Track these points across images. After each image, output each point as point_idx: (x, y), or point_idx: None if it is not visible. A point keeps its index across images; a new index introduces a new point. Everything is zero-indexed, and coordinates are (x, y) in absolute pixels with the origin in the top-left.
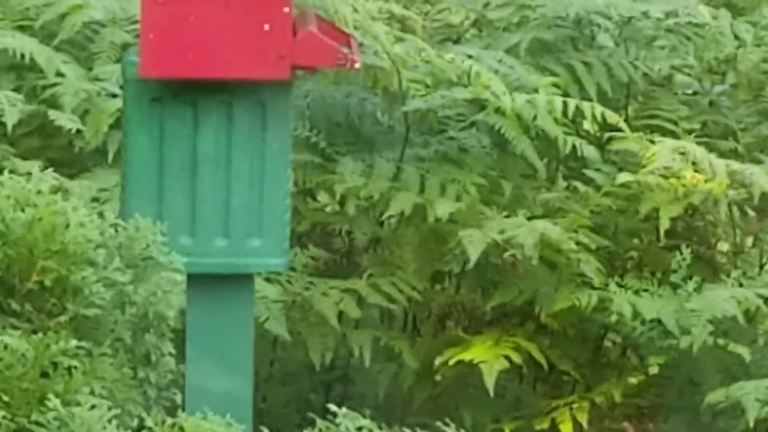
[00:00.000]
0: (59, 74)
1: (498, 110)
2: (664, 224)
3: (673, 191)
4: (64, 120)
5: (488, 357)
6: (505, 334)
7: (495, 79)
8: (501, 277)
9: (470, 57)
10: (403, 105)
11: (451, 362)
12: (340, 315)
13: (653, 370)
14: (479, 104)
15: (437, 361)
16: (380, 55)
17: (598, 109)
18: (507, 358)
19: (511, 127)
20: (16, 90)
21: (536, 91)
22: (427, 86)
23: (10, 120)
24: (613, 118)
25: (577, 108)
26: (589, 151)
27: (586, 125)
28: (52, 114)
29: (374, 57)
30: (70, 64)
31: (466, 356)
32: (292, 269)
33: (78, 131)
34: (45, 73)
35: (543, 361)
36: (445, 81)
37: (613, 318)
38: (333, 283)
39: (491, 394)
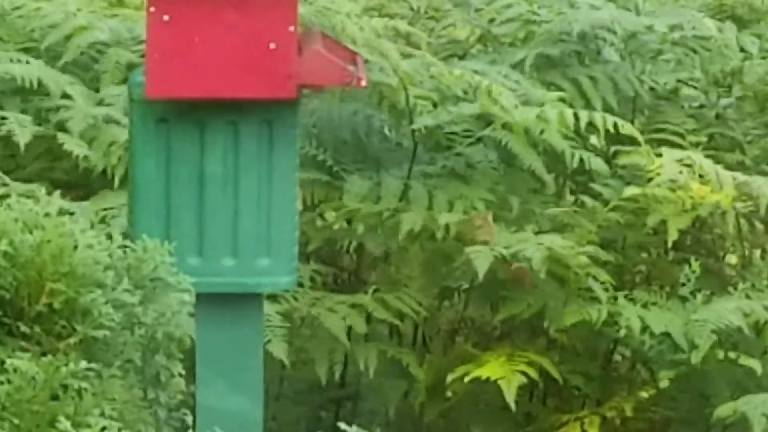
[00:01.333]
0: (65, 96)
1: (505, 125)
2: (673, 236)
3: (681, 203)
4: (73, 145)
5: (504, 373)
6: (517, 350)
7: (505, 92)
8: (509, 292)
9: (477, 72)
10: (410, 122)
11: (467, 379)
12: (349, 331)
13: (664, 384)
14: (486, 119)
15: (450, 377)
16: (386, 72)
17: (610, 119)
18: (523, 373)
19: (518, 142)
20: (22, 113)
21: (542, 106)
22: (434, 102)
23: (22, 140)
24: (625, 127)
25: (589, 121)
26: (597, 164)
27: (594, 140)
28: (61, 137)
29: (380, 74)
30: (77, 86)
31: (482, 373)
32: (300, 285)
33: (83, 156)
34: (51, 95)
35: (558, 376)
36: (451, 97)
37: (623, 332)
38: (340, 298)
39: (513, 410)
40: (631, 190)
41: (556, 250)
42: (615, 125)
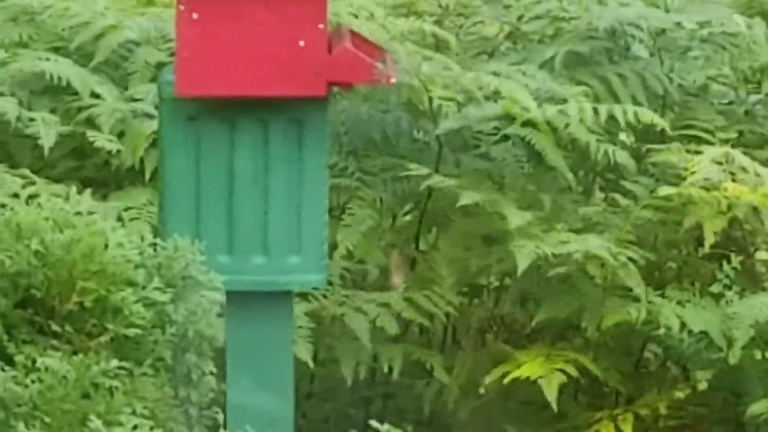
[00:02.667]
0: (94, 95)
1: (528, 123)
2: (709, 239)
3: (717, 204)
4: (103, 141)
5: (544, 372)
6: (553, 349)
7: (523, 92)
8: (543, 291)
9: (496, 74)
10: (433, 123)
11: (506, 380)
12: (377, 330)
13: (702, 386)
14: (511, 118)
15: (488, 378)
16: (410, 74)
17: (631, 110)
18: (561, 371)
19: (542, 140)
20: (51, 112)
21: (566, 101)
22: (458, 103)
23: (47, 142)
24: (646, 116)
25: (611, 114)
26: (622, 157)
27: (623, 136)
28: (91, 135)
29: (404, 74)
30: (106, 85)
31: (521, 373)
32: (329, 283)
33: (116, 151)
34: (80, 95)
35: (599, 374)
36: (475, 97)
37: (661, 331)
38: (369, 297)
39: (554, 408)
40: (666, 190)
41: (595, 249)
42: (635, 115)
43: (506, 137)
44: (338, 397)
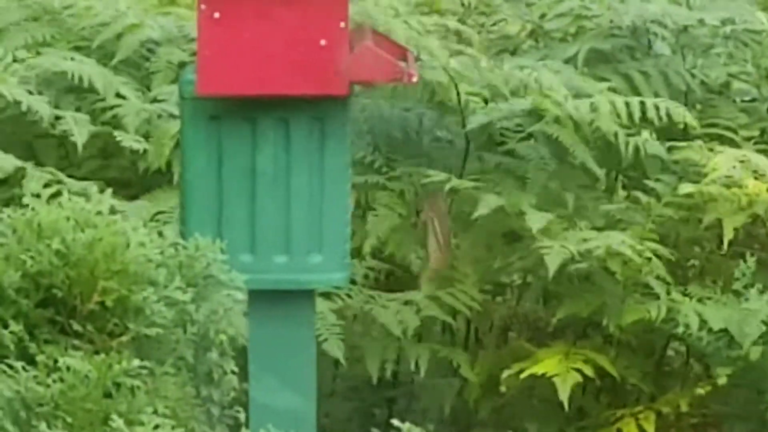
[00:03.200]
0: (119, 95)
1: (557, 119)
2: (728, 235)
3: (737, 201)
4: (130, 141)
5: (560, 370)
6: (573, 347)
7: (556, 85)
8: (564, 288)
9: (526, 68)
10: (462, 119)
11: (522, 376)
12: (400, 328)
13: (722, 381)
14: (537, 115)
15: (505, 374)
16: (437, 69)
17: (663, 106)
18: (578, 371)
19: (569, 136)
20: (76, 111)
21: (593, 97)
22: (485, 99)
23: (80, 140)
24: (677, 114)
25: (641, 108)
26: (654, 148)
27: (646, 135)
28: (118, 135)
29: (431, 71)
30: (129, 85)
31: (537, 370)
32: (352, 282)
33: (143, 151)
34: (103, 93)
35: (615, 374)
36: (502, 92)
37: (681, 328)
38: (392, 296)
39: (566, 408)
40: (686, 187)
41: (617, 246)
42: (668, 114)
43: (530, 134)
44: (361, 396)
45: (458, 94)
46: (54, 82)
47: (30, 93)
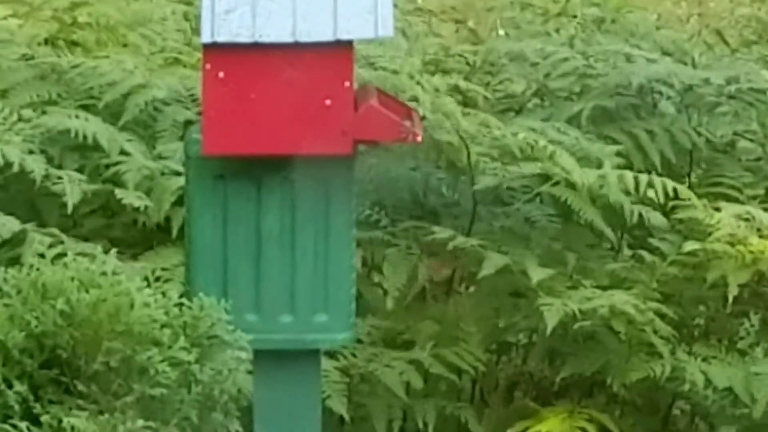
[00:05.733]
0: (123, 153)
1: (568, 183)
2: (733, 292)
3: (741, 258)
4: (132, 197)
5: (564, 429)
6: (577, 406)
7: (565, 154)
8: (568, 347)
9: (535, 130)
10: (471, 179)
11: None
12: (407, 387)
13: None
14: (544, 176)
15: None
16: (447, 130)
17: (670, 184)
18: (582, 429)
19: (577, 198)
20: (80, 169)
21: (599, 160)
22: (493, 159)
23: (71, 200)
24: (683, 192)
25: (648, 183)
26: (656, 218)
27: (651, 193)
28: (119, 192)
29: (441, 131)
30: (134, 142)
31: (542, 429)
32: (358, 340)
33: (144, 208)
34: (108, 151)
35: None
36: (510, 153)
37: (686, 387)
38: (397, 354)
39: None
40: (690, 245)
41: (620, 306)
42: (674, 190)
43: (537, 194)
44: None
45: (469, 155)
46: (58, 140)
47: (31, 152)
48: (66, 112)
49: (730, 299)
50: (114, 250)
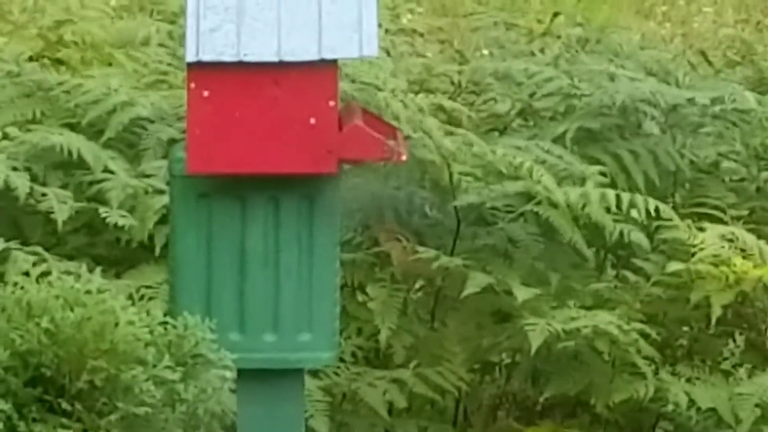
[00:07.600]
0: (107, 170)
1: (548, 201)
2: (716, 312)
3: (724, 279)
4: (116, 216)
5: None
6: (561, 426)
7: (546, 174)
8: (552, 367)
9: (519, 149)
10: (453, 198)
11: None
12: (391, 406)
13: None
14: (527, 195)
15: None
16: (430, 149)
17: (652, 203)
18: None
19: (560, 217)
20: (63, 187)
21: (583, 180)
22: (477, 178)
23: (60, 217)
24: (666, 212)
25: (630, 201)
26: (637, 237)
27: (635, 213)
28: (103, 211)
29: (424, 150)
30: (118, 160)
31: None
32: (341, 360)
33: (128, 227)
34: (92, 169)
35: None
36: (494, 172)
37: (670, 407)
38: (380, 373)
39: None
40: (674, 266)
41: (604, 326)
42: (656, 209)
43: (520, 213)
44: None
45: (450, 174)
46: (42, 157)
47: (15, 169)
48: (50, 130)
49: (714, 320)
50: (98, 269)
